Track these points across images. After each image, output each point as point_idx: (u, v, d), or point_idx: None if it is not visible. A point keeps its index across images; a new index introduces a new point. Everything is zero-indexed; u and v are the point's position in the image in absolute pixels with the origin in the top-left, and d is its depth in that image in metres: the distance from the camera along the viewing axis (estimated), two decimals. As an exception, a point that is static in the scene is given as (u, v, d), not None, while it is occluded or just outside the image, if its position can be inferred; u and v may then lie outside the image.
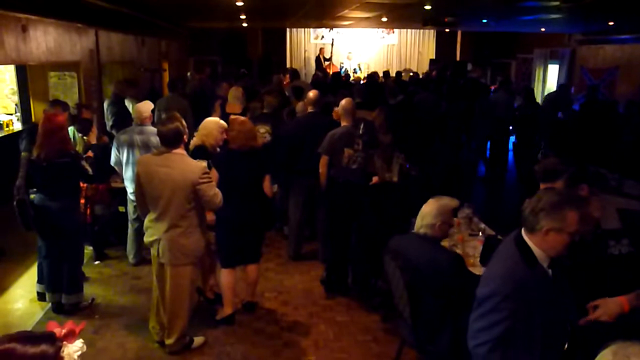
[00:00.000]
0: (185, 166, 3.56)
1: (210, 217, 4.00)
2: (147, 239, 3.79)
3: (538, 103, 9.44)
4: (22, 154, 4.32)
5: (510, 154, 9.10)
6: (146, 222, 3.78)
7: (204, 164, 3.60)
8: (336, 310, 4.62)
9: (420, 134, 6.31)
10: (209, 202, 3.60)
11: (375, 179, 4.70)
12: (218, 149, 4.36)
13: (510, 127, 8.75)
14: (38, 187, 4.13)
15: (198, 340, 3.98)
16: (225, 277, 4.27)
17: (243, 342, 4.07)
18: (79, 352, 1.12)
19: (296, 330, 4.30)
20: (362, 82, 11.45)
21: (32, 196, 4.21)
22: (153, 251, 3.77)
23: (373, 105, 5.86)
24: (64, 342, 1.10)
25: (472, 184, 7.08)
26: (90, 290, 4.71)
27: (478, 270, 3.44)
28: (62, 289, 4.34)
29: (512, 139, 8.97)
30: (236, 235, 4.14)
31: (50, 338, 1.08)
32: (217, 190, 3.64)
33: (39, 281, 4.55)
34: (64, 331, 1.13)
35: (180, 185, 3.51)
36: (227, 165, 4.04)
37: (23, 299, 4.73)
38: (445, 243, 3.64)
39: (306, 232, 5.80)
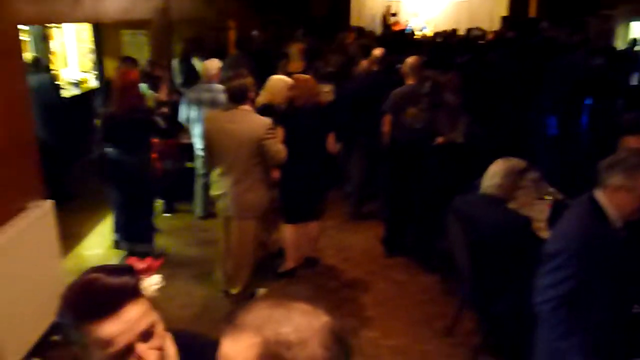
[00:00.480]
0: (250, 122, 3.62)
1: (275, 173, 4.08)
2: (213, 193, 3.93)
3: (618, 62, 8.86)
4: (100, 110, 4.52)
5: (585, 116, 8.64)
6: (213, 176, 3.90)
7: (269, 120, 3.65)
8: (396, 269, 4.66)
9: (489, 94, 6.11)
10: (273, 157, 3.66)
11: (439, 139, 4.63)
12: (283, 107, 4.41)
13: (587, 88, 8.28)
14: (114, 142, 4.29)
15: (261, 291, 4.13)
16: (288, 232, 4.38)
17: (304, 295, 4.19)
18: (157, 286, 1.20)
19: (356, 286, 4.38)
20: (428, 40, 11.13)
21: (108, 150, 4.42)
22: (219, 205, 3.91)
23: (440, 64, 5.72)
24: (143, 276, 1.18)
25: (542, 147, 6.81)
26: (160, 241, 4.94)
27: (544, 234, 3.36)
28: (135, 238, 4.58)
29: (588, 100, 8.50)
30: (299, 192, 4.22)
31: (131, 271, 1.16)
32: (281, 146, 3.70)
33: (115, 229, 4.84)
34: (143, 265, 1.21)
35: (245, 141, 3.58)
36: (291, 123, 4.08)
37: (100, 246, 5.05)
38: (511, 205, 3.55)
39: (367, 191, 5.81)
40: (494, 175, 3.18)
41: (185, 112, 5.15)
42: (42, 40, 6.87)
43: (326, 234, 5.06)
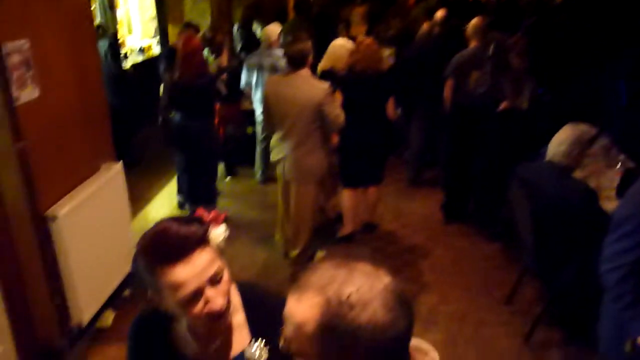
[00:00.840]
0: (310, 87, 3.63)
1: (334, 139, 4.10)
2: (273, 157, 3.98)
3: None
4: (165, 76, 4.63)
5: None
6: (273, 141, 3.95)
7: (328, 84, 3.64)
8: (455, 236, 4.62)
9: (557, 58, 5.84)
10: (332, 122, 3.66)
11: (503, 104, 4.48)
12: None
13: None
14: (178, 107, 4.39)
15: (320, 254, 4.21)
16: (346, 197, 4.41)
17: (363, 259, 4.23)
18: (223, 236, 1.26)
19: (415, 252, 4.38)
20: (493, 0, 10.66)
21: (172, 115, 4.55)
22: (279, 169, 3.97)
23: (505, 25, 5.48)
24: (211, 226, 1.25)
25: (614, 112, 6.49)
26: (222, 204, 5.09)
27: (613, 203, 3.23)
28: (198, 199, 4.74)
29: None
30: (358, 157, 4.22)
31: (200, 221, 1.23)
32: (340, 111, 3.69)
33: (179, 192, 5.02)
34: (210, 216, 1.27)
35: (305, 106, 3.59)
36: (351, 87, 4.06)
37: (166, 207, 5.26)
38: (578, 174, 3.43)
39: (427, 157, 5.74)
40: (561, 142, 3.06)
41: (246, 78, 5.21)
42: (109, 7, 7.07)
43: (385, 199, 5.06)
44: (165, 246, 1.16)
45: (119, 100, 5.53)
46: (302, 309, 0.87)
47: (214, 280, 1.20)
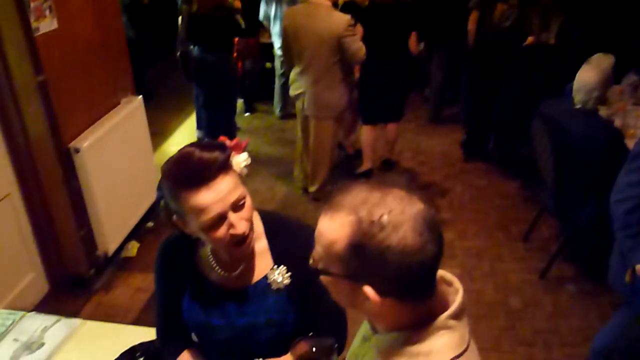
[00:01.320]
0: (330, 18, 3.54)
1: (356, 72, 4.03)
2: (292, 92, 3.95)
3: None
4: (182, 7, 4.54)
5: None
6: (292, 75, 3.91)
7: (349, 16, 3.55)
8: (474, 173, 4.60)
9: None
10: (353, 55, 3.59)
11: (529, 39, 4.34)
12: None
13: None
14: (197, 39, 4.34)
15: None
16: (365, 133, 4.39)
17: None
18: (245, 163, 1.28)
19: (432, 189, 4.39)
20: None
21: (191, 48, 4.48)
22: (298, 104, 3.95)
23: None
24: (234, 153, 1.26)
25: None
26: (241, 139, 5.09)
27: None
28: (217, 135, 4.74)
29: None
30: (379, 92, 4.16)
31: (222, 147, 1.24)
32: (360, 44, 3.61)
33: (198, 127, 5.03)
34: (232, 143, 1.28)
35: (325, 38, 3.52)
36: (372, 20, 3.95)
37: (185, 142, 5.25)
38: (603, 111, 3.35)
39: (447, 94, 5.65)
40: (591, 89, 2.89)
41: (265, 10, 5.09)
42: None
43: (403, 137, 5.00)
44: (188, 171, 1.17)
45: (133, 31, 5.44)
46: (333, 227, 0.88)
47: (237, 206, 1.22)
